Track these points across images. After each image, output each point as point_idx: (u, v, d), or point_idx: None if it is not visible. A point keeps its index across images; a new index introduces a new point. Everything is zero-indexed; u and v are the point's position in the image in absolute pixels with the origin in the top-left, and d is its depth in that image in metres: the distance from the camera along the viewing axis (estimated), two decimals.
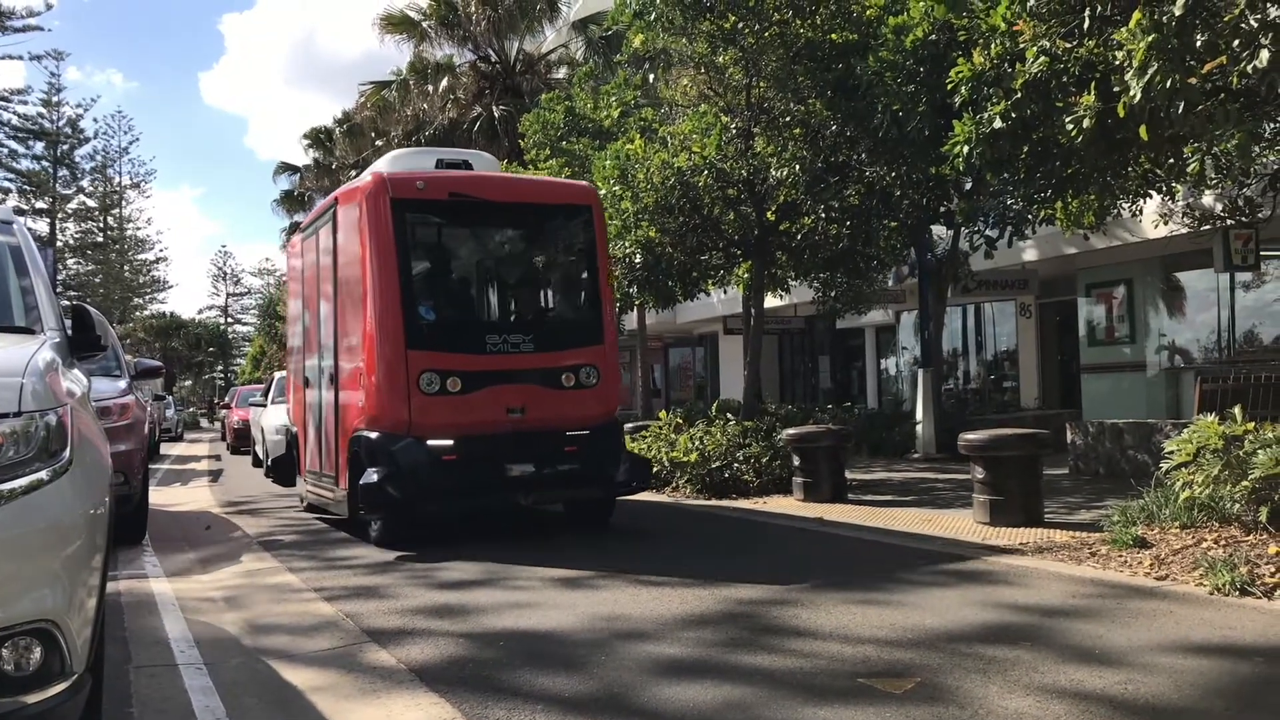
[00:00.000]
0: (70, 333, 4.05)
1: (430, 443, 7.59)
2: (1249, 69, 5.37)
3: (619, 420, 9.19)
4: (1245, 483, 5.94)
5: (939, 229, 13.69)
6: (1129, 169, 8.35)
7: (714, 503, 10.14)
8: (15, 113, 44.94)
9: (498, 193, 8.52)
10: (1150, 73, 5.57)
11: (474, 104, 27.14)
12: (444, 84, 27.73)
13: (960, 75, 7.40)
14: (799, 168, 11.68)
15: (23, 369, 2.98)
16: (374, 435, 7.73)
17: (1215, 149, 6.49)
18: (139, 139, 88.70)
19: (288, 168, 44.49)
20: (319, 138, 38.91)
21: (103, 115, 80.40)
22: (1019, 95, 6.87)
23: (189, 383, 74.74)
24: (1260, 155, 8.56)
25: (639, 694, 3.95)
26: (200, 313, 73.14)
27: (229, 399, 28.43)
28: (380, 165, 9.05)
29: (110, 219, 56.42)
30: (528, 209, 8.73)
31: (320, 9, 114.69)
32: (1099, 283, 15.76)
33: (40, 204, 48.30)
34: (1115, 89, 6.03)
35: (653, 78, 16.58)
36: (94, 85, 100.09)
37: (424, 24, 27.25)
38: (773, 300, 16.48)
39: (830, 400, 20.81)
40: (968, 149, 7.40)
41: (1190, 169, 6.77)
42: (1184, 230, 11.54)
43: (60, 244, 49.81)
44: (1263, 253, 12.07)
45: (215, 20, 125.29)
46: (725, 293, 18.39)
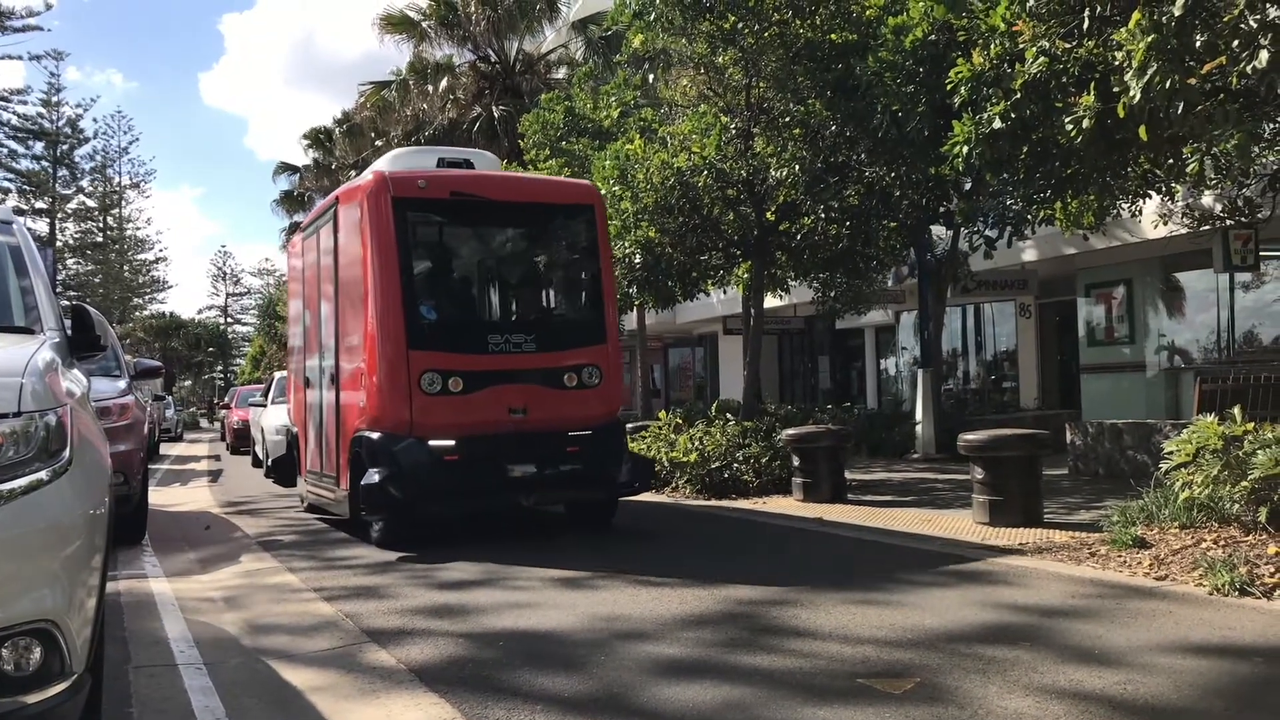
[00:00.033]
0: (70, 333, 4.05)
1: (432, 443, 7.57)
2: (1248, 69, 5.38)
3: (621, 420, 9.18)
4: (1245, 483, 5.94)
5: (938, 229, 13.70)
6: (1128, 169, 8.36)
7: (713, 503, 10.14)
8: (15, 113, 45.15)
9: (500, 192, 8.49)
10: (1150, 73, 5.58)
11: (474, 104, 27.12)
12: (444, 84, 27.70)
13: (960, 75, 7.41)
14: (799, 168, 11.68)
15: (22, 369, 2.98)
16: (375, 436, 7.72)
17: (1215, 149, 6.47)
18: (139, 139, 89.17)
19: (287, 168, 44.48)
20: (319, 138, 38.87)
21: (102, 115, 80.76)
22: (1018, 95, 6.87)
23: (189, 383, 74.78)
24: (1260, 155, 8.56)
25: (638, 694, 3.95)
26: (200, 313, 73.42)
27: (229, 399, 28.41)
28: (381, 164, 9.02)
29: (110, 219, 56.44)
30: (530, 208, 8.69)
31: (320, 9, 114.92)
32: (1098, 283, 15.76)
33: (40, 204, 48.40)
34: (1115, 89, 6.03)
35: (652, 78, 16.55)
36: (94, 85, 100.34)
37: (424, 24, 27.23)
38: (772, 300, 16.47)
39: (830, 400, 20.81)
40: (967, 149, 7.40)
41: (1190, 169, 6.76)
42: (1183, 230, 11.54)
43: (60, 244, 49.82)
44: (1262, 253, 12.08)
45: (215, 20, 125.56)
46: (725, 293, 18.40)
